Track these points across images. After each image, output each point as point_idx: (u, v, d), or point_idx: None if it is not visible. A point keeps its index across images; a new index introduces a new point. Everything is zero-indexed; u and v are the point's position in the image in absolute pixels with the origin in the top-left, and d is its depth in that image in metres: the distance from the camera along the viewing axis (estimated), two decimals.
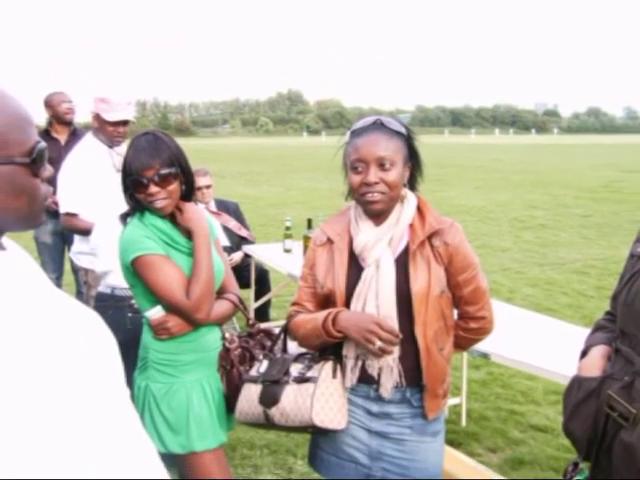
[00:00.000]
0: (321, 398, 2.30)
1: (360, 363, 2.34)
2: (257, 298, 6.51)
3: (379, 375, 2.33)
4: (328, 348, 2.38)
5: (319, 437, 2.50)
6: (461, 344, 2.53)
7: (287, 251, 6.40)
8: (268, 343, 2.76)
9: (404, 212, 2.36)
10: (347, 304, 2.34)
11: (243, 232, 6.51)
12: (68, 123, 6.01)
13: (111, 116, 4.26)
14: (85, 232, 4.09)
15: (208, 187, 6.18)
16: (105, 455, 1.04)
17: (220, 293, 2.81)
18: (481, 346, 3.02)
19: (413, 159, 2.37)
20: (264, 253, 6.40)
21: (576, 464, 2.20)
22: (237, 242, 6.43)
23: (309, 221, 6.09)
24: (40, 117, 6.04)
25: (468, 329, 2.46)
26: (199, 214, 2.73)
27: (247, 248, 6.44)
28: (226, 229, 6.29)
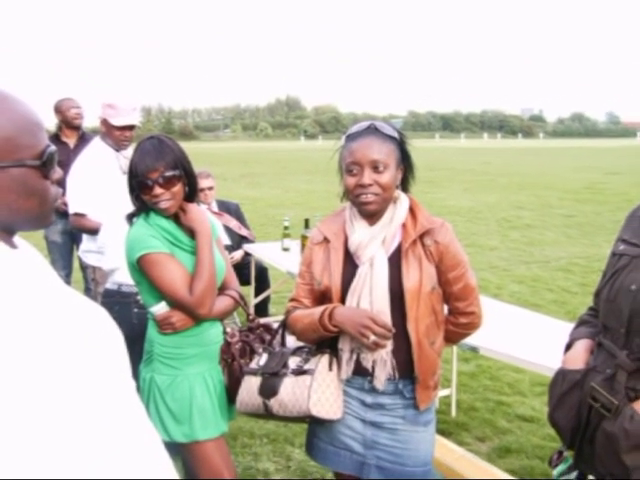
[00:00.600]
0: (318, 390, 2.30)
1: (355, 356, 2.34)
2: (257, 294, 6.51)
3: (373, 368, 2.33)
4: (324, 342, 2.39)
5: (316, 427, 2.50)
6: (451, 338, 2.53)
7: (285, 250, 6.39)
8: (267, 337, 2.76)
9: (397, 212, 2.36)
10: (342, 300, 2.34)
11: (243, 231, 6.51)
12: (77, 128, 6.00)
13: (118, 121, 4.26)
14: (93, 231, 4.09)
15: (210, 189, 6.17)
16: (112, 444, 1.05)
17: (222, 289, 2.81)
18: (470, 340, 3.02)
19: (405, 162, 2.37)
20: (263, 251, 6.40)
21: (560, 452, 2.21)
22: (238, 241, 6.43)
23: (306, 221, 6.08)
24: (50, 122, 6.04)
25: (458, 324, 2.47)
26: (202, 214, 2.73)
27: (247, 247, 6.43)
28: (227, 229, 6.28)
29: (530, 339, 3.73)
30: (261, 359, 2.53)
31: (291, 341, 2.57)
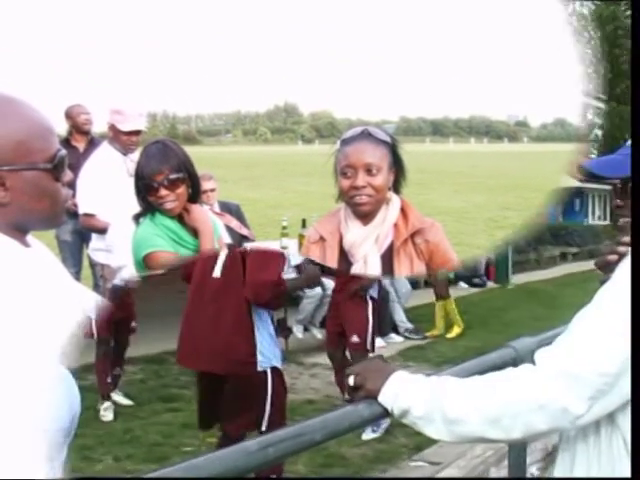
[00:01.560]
0: None
1: None
2: None
3: None
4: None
5: None
6: None
7: (284, 248, 6.38)
8: None
9: (389, 213, 2.36)
10: None
11: (244, 231, 6.46)
12: (86, 133, 5.99)
13: (125, 126, 4.27)
14: (102, 231, 4.09)
15: (212, 190, 6.14)
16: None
17: None
18: None
19: (397, 165, 2.37)
20: None
21: None
22: (238, 240, 6.40)
23: (304, 221, 6.07)
24: (61, 127, 6.03)
25: None
26: (204, 215, 2.73)
27: (247, 245, 6.42)
28: (228, 228, 6.25)
29: None
30: None
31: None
